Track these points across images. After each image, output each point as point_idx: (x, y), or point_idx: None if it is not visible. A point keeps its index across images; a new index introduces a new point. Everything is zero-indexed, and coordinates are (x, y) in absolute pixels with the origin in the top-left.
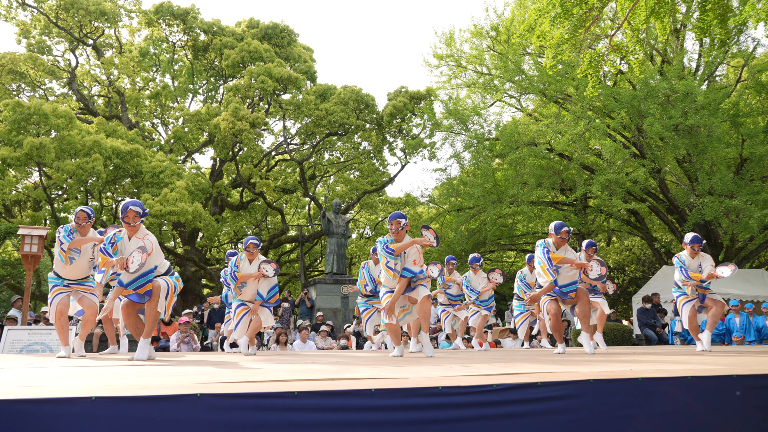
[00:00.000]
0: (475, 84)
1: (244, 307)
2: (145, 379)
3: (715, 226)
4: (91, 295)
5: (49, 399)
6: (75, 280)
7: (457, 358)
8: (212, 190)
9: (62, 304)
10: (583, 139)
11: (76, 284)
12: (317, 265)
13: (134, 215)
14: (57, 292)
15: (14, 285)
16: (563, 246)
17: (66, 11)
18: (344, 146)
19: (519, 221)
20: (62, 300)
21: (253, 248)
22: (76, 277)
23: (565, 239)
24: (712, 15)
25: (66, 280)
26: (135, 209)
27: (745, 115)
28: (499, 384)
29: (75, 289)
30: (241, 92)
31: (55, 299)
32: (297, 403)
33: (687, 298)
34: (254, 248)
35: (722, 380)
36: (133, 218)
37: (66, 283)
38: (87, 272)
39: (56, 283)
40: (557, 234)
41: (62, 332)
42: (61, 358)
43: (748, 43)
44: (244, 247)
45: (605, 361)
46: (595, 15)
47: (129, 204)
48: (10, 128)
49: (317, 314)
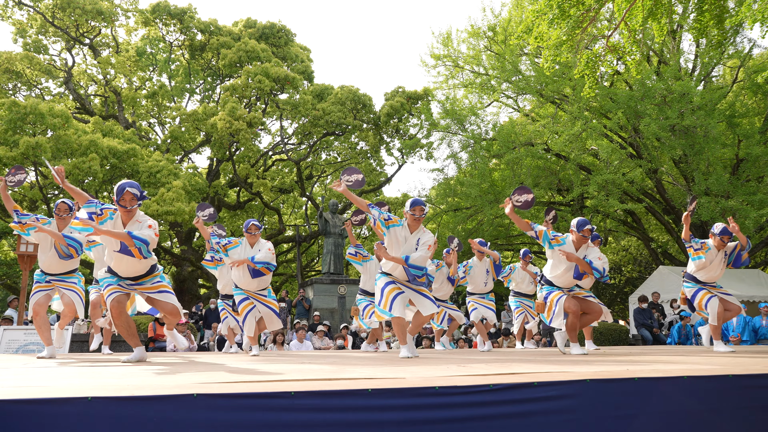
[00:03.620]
0: (472, 84)
1: (248, 303)
2: (141, 379)
3: (710, 227)
4: (70, 291)
5: (45, 399)
6: (56, 275)
7: (454, 358)
8: (209, 189)
9: (38, 305)
10: (579, 140)
11: (57, 280)
12: (314, 265)
13: (131, 198)
14: (36, 289)
15: (10, 285)
16: (584, 244)
17: (62, 10)
18: (341, 146)
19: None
20: (39, 300)
21: (254, 230)
22: (57, 271)
23: (587, 237)
24: (708, 16)
25: (48, 275)
26: (132, 191)
27: (741, 115)
28: (496, 384)
29: (56, 286)
30: (238, 92)
31: (32, 298)
32: (294, 404)
33: (709, 294)
34: (256, 230)
35: (719, 380)
36: (130, 201)
37: (48, 279)
38: (69, 266)
39: (38, 278)
40: (579, 231)
41: (41, 332)
42: (41, 358)
43: (745, 43)
44: (245, 229)
45: (602, 361)
46: (592, 16)
47: (125, 185)
48: (6, 128)
49: (314, 314)
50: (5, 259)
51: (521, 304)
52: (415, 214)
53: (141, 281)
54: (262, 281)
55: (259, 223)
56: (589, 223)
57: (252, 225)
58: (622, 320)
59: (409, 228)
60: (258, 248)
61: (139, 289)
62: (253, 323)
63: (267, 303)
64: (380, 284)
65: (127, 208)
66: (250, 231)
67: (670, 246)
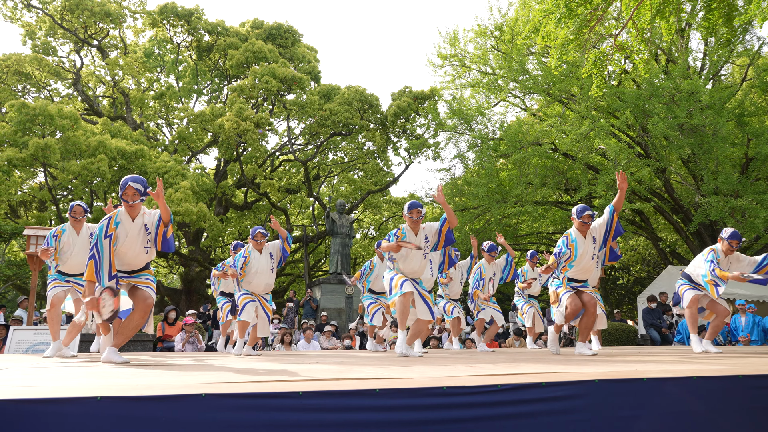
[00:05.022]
0: (479, 84)
1: (249, 296)
2: (149, 379)
3: (720, 226)
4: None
5: (54, 399)
6: (75, 275)
7: (462, 358)
8: (216, 190)
9: (57, 297)
10: (587, 139)
11: (76, 282)
12: (321, 266)
13: (133, 193)
14: (54, 285)
15: (20, 285)
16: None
17: (71, 12)
18: (348, 146)
19: (523, 221)
20: (58, 294)
21: (260, 237)
22: (76, 272)
23: (587, 224)
24: (717, 14)
25: (67, 276)
26: (135, 186)
27: (750, 114)
28: (504, 384)
29: (73, 287)
30: (246, 92)
31: (50, 291)
32: (301, 403)
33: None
34: (262, 237)
35: (728, 381)
36: (132, 196)
37: (66, 279)
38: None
39: (57, 277)
40: (579, 218)
41: (52, 324)
42: (47, 358)
43: (754, 42)
44: (252, 237)
45: (610, 361)
46: (600, 15)
47: (128, 180)
48: (15, 129)
49: (321, 314)
50: (15, 260)
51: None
52: (413, 216)
53: (135, 275)
54: (268, 285)
55: (265, 231)
56: (589, 209)
57: (258, 233)
58: (631, 320)
59: (413, 230)
60: (268, 253)
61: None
62: (253, 312)
63: (266, 308)
64: (388, 276)
65: (129, 203)
66: (256, 239)
67: (678, 246)
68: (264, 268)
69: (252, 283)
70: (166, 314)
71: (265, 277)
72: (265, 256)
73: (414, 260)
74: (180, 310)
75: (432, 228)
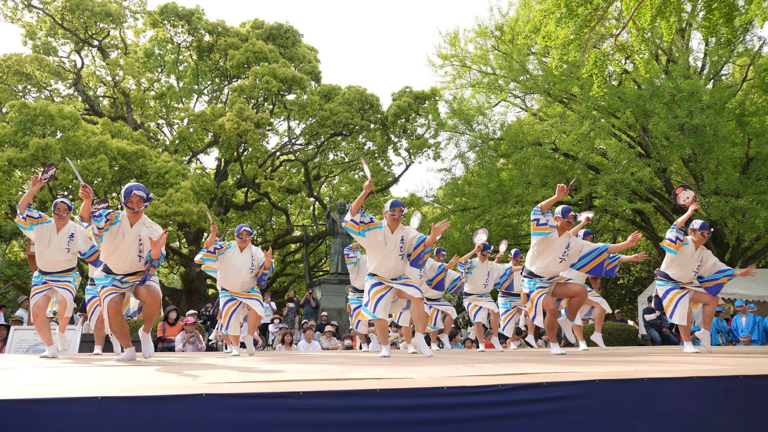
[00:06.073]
0: (479, 84)
1: (232, 303)
2: (150, 379)
3: (721, 226)
4: (64, 290)
5: (55, 399)
6: (53, 273)
7: (462, 358)
8: (217, 190)
9: (37, 306)
10: (588, 139)
11: (53, 279)
12: (322, 266)
13: (138, 200)
14: (34, 292)
15: (21, 285)
16: (566, 232)
17: (71, 12)
18: (349, 146)
19: (524, 221)
20: (38, 302)
21: (245, 235)
22: (54, 269)
23: (571, 224)
24: (718, 14)
25: (45, 275)
26: (139, 194)
27: (751, 114)
28: (505, 384)
29: (52, 286)
30: (246, 93)
31: (32, 300)
32: (302, 404)
33: (680, 293)
34: (247, 235)
35: (729, 381)
36: (137, 203)
37: (44, 280)
38: (66, 265)
39: (36, 281)
40: (563, 218)
41: (42, 332)
42: (45, 358)
43: (755, 42)
44: (237, 234)
45: (611, 361)
46: (600, 15)
47: (133, 188)
48: (16, 129)
49: (322, 314)
50: (16, 260)
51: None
52: (394, 214)
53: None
54: (245, 284)
55: (251, 229)
56: (572, 211)
57: (243, 231)
58: (631, 320)
59: (390, 228)
60: (249, 254)
61: (132, 279)
62: (237, 325)
63: (251, 296)
64: (367, 285)
65: (134, 210)
66: (241, 236)
67: None
68: (241, 267)
69: (228, 279)
70: (166, 314)
71: (242, 275)
72: (245, 256)
73: (389, 259)
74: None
75: (410, 234)
